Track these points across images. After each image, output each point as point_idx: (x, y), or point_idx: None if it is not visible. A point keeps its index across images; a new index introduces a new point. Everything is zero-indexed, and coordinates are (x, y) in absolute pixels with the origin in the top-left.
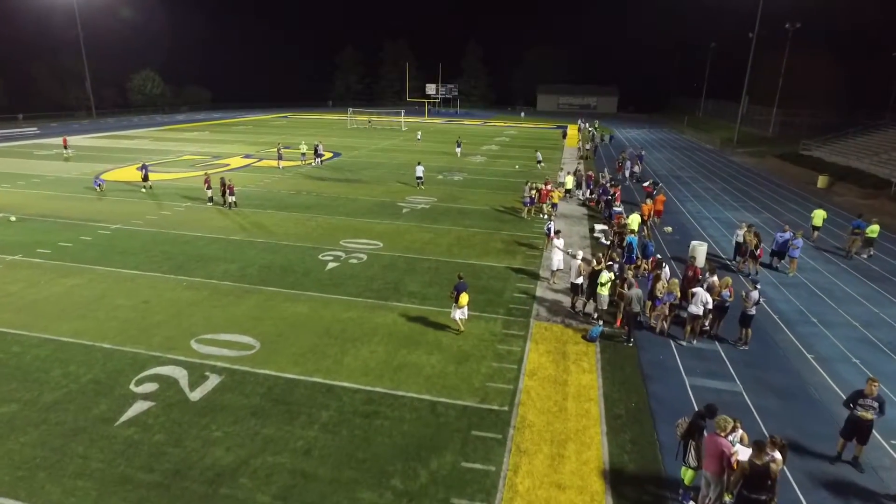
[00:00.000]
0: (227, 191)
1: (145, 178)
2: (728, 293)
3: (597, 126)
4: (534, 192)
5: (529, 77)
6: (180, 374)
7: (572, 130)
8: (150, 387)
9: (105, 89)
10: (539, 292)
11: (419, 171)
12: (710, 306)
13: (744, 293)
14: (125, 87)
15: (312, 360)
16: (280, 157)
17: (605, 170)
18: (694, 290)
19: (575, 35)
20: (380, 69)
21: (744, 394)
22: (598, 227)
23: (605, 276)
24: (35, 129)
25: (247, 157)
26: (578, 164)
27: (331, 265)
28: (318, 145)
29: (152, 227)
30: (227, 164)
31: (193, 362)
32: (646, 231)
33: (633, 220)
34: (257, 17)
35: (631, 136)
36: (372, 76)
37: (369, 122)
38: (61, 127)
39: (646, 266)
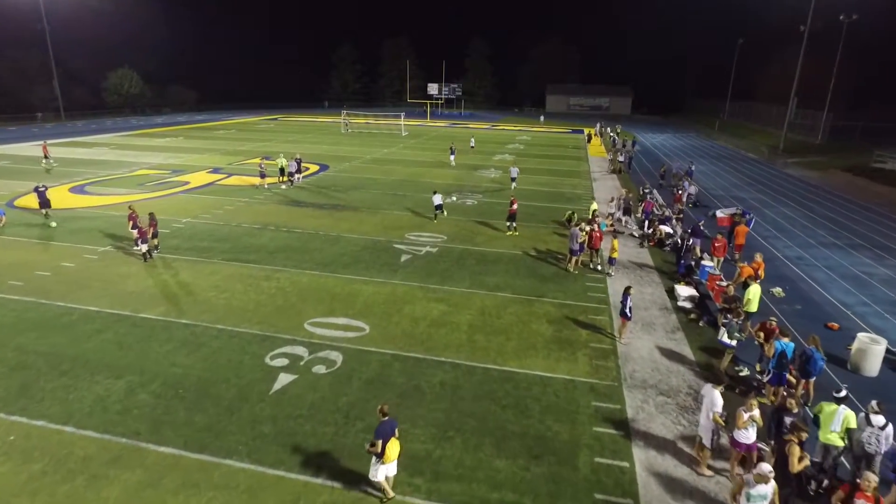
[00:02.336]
0: (149, 232)
1: (43, 205)
2: None
3: (619, 131)
4: (583, 234)
5: (537, 76)
6: None
7: (587, 137)
8: None
9: (76, 88)
10: (639, 453)
11: (437, 199)
12: None
13: None
14: (100, 87)
15: None
16: (263, 176)
17: (655, 192)
18: None
19: (585, 31)
20: (379, 68)
21: None
22: (683, 291)
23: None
24: None
25: (214, 171)
26: (625, 193)
27: (282, 379)
28: (297, 160)
29: (29, 295)
30: (187, 183)
31: None
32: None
33: (754, 295)
34: (249, 12)
35: (657, 143)
36: (370, 75)
37: (346, 125)
38: (19, 131)
39: (805, 389)
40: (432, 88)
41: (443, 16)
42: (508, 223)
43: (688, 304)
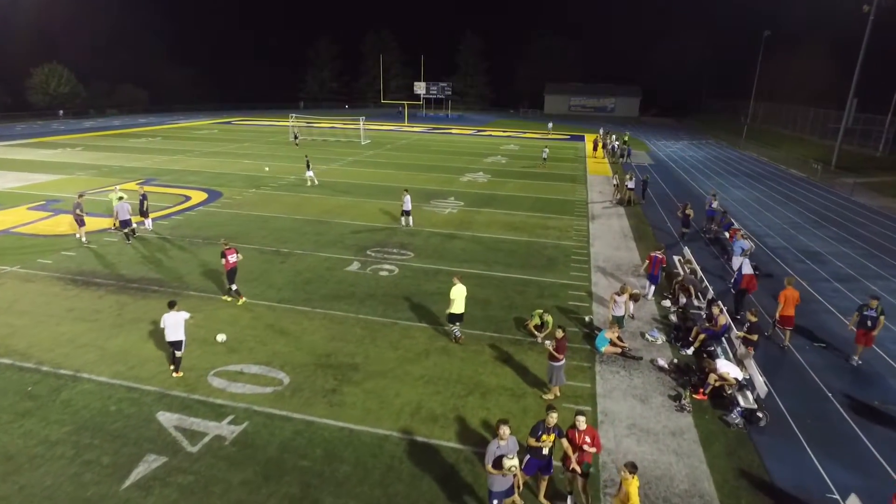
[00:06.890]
0: None
1: None
2: None
3: (627, 139)
4: (548, 441)
5: (535, 74)
6: None
7: (591, 145)
8: None
9: None
10: None
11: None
12: None
13: None
14: (22, 85)
15: None
16: (81, 223)
17: (689, 267)
18: None
19: (588, 25)
20: (361, 65)
21: None
22: None
23: None
24: None
25: (41, 206)
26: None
27: None
28: (142, 196)
29: None
30: None
31: None
32: None
33: None
34: (215, 2)
35: (673, 154)
36: (351, 72)
37: (296, 137)
38: None
39: None
40: (419, 87)
41: (432, 7)
42: (229, 288)
43: None
